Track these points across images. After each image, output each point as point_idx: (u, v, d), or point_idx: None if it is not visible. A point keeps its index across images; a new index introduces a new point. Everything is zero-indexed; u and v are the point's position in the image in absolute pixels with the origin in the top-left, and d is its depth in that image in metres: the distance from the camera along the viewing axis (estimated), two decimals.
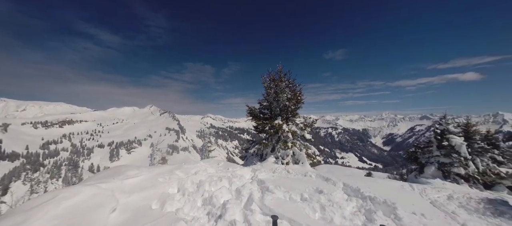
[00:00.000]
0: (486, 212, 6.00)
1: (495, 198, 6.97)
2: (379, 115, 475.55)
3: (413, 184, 8.57)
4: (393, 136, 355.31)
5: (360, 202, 4.98)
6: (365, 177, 14.10)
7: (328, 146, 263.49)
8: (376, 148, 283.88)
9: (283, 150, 10.11)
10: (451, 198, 6.89)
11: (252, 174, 7.21)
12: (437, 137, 10.80)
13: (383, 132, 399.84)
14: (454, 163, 10.08)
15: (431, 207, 5.83)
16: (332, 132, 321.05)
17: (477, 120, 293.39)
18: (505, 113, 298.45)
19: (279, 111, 11.20)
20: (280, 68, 11.56)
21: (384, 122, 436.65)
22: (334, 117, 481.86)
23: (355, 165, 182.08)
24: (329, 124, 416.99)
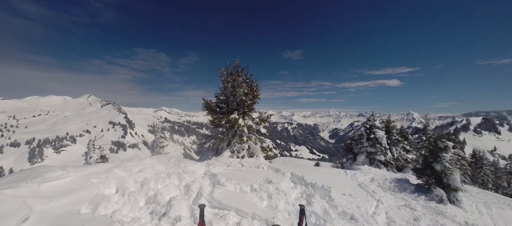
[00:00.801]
0: (395, 189, 7.65)
1: (401, 178, 8.94)
2: (327, 112, 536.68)
3: (347, 171, 10.11)
4: (338, 130, 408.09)
5: (303, 188, 5.57)
6: (314, 166, 15.80)
7: (284, 139, 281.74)
8: (324, 141, 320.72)
9: (239, 144, 10.26)
10: (373, 180, 8.47)
11: (206, 168, 7.08)
12: (367, 131, 13.01)
13: (330, 126, 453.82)
14: (377, 152, 12.38)
15: (358, 188, 7.02)
16: (288, 126, 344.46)
17: (396, 117, 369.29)
18: (414, 112, 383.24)
19: (235, 105, 11.25)
20: (237, 63, 11.56)
21: (330, 118, 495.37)
22: (290, 113, 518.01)
23: (307, 156, 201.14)
24: (285, 119, 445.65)
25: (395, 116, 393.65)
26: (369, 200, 5.50)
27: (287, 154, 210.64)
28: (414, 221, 4.52)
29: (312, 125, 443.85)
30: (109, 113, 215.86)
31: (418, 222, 4.48)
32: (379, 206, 5.01)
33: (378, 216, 4.38)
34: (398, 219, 4.46)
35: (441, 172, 6.61)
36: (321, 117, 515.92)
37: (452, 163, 6.80)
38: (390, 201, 6.11)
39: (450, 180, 6.47)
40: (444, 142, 6.85)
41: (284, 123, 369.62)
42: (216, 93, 11.94)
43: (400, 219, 4.48)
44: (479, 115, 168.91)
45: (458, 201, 6.42)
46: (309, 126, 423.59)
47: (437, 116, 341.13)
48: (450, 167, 6.55)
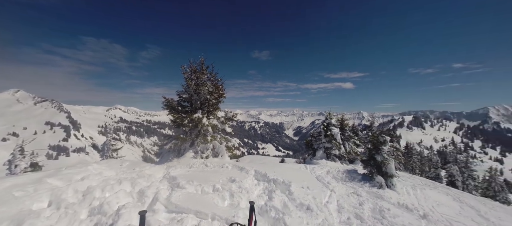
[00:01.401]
0: (346, 179, 8.60)
1: (351, 169, 10.11)
2: (291, 111, 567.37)
3: (307, 165, 10.89)
4: (301, 128, 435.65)
5: (266, 184, 5.75)
6: (279, 163, 16.49)
7: (251, 138, 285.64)
8: (289, 139, 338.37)
9: (203, 144, 9.94)
10: (329, 172, 9.35)
11: (165, 171, 6.62)
12: (324, 129, 14.26)
13: (294, 125, 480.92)
14: (333, 147, 13.71)
15: (315, 180, 7.64)
16: (255, 125, 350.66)
17: (349, 116, 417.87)
18: (364, 111, 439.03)
19: (199, 104, 10.84)
20: (202, 60, 11.14)
21: (295, 117, 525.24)
22: (258, 112, 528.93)
23: (273, 154, 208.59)
24: (253, 118, 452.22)
25: (348, 115, 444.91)
26: (324, 190, 6.04)
27: (254, 152, 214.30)
28: (359, 206, 5.18)
29: (278, 124, 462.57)
30: (45, 111, 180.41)
31: (362, 206, 5.16)
32: (332, 195, 5.56)
33: (331, 204, 4.86)
34: (347, 205, 5.04)
35: (381, 162, 7.76)
36: (286, 116, 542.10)
37: (389, 154, 8.04)
38: (341, 190, 6.85)
39: (388, 168, 7.66)
40: (384, 137, 8.04)
41: (251, 122, 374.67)
42: (179, 91, 11.28)
43: (348, 205, 5.08)
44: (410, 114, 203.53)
45: (393, 186, 7.64)
46: (275, 124, 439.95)
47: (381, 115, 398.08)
48: (387, 158, 7.74)
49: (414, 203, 6.93)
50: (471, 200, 10.37)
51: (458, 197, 10.03)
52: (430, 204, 7.23)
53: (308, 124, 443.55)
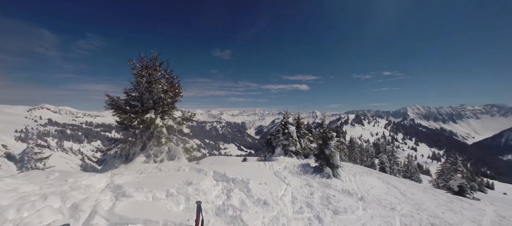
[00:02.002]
0: (300, 173, 9.35)
1: (305, 163, 11.06)
2: (253, 110, 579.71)
3: (266, 162, 11.33)
4: (262, 127, 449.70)
5: (225, 184, 5.72)
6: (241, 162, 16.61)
7: (213, 139, 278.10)
8: (251, 138, 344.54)
9: (157, 147, 9.13)
10: (286, 167, 9.97)
11: (108, 180, 5.80)
12: (282, 127, 15.14)
13: (256, 124, 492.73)
14: (290, 144, 14.70)
15: (273, 176, 8.04)
16: (217, 125, 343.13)
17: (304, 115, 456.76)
18: (317, 111, 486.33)
19: (152, 104, 9.92)
20: (155, 56, 10.21)
21: (256, 116, 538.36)
22: (219, 112, 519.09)
23: (235, 153, 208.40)
24: (214, 118, 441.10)
25: (304, 114, 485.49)
26: (281, 185, 6.43)
27: (216, 153, 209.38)
28: (310, 195, 5.72)
29: (240, 123, 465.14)
30: None
31: (313, 195, 5.72)
32: (287, 189, 5.96)
33: (286, 196, 5.21)
34: (300, 196, 5.50)
35: (329, 155, 8.76)
36: (248, 115, 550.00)
37: (335, 148, 9.15)
38: (296, 182, 7.42)
39: (334, 160, 8.71)
40: (331, 133, 9.10)
41: (212, 122, 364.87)
42: (127, 89, 10.04)
43: (301, 195, 5.55)
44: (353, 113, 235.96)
45: (338, 175, 8.74)
46: (237, 124, 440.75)
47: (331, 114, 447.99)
48: (334, 151, 8.80)
49: (354, 188, 8.10)
50: (395, 181, 12.74)
51: (386, 180, 12.19)
52: (366, 188, 8.58)
53: (269, 123, 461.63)
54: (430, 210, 7.57)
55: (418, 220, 5.87)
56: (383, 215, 5.37)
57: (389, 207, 6.60)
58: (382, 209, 6.14)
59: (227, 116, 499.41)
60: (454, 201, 11.19)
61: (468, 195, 15.38)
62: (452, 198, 12.68)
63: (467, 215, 8.18)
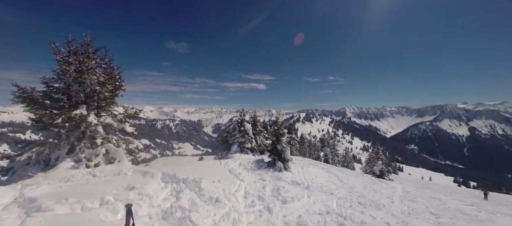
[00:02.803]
0: (255, 168, 9.66)
1: (260, 158, 11.51)
2: (210, 108, 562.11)
3: (222, 160, 11.22)
4: (220, 125, 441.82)
5: (174, 185, 5.36)
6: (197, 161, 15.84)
7: (165, 138, 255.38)
8: (207, 136, 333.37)
9: (90, 149, 7.74)
10: (241, 164, 10.12)
11: (17, 193, 4.58)
12: (238, 125, 15.28)
13: (213, 122, 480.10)
14: (246, 141, 14.99)
15: (228, 173, 8.03)
16: (170, 123, 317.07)
17: (261, 113, 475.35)
18: (273, 109, 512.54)
19: (84, 98, 8.31)
20: (88, 40, 8.55)
21: (214, 114, 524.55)
22: (173, 109, 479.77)
23: (191, 153, 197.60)
24: (167, 116, 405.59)
25: (261, 112, 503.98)
26: (235, 181, 6.49)
27: (169, 153, 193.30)
28: (262, 189, 6.00)
29: (196, 121, 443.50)
30: None
31: (265, 189, 6.02)
32: (241, 185, 6.07)
33: (239, 192, 5.31)
34: (252, 190, 5.70)
35: (281, 150, 9.38)
36: (205, 113, 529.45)
37: (286, 143, 9.87)
38: (250, 178, 7.64)
39: (285, 154, 9.39)
40: (282, 130, 9.75)
41: (165, 120, 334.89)
42: (47, 78, 8.08)
43: (253, 190, 5.75)
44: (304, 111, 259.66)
45: (289, 168, 9.47)
46: (193, 122, 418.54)
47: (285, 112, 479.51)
48: (285, 146, 9.48)
49: (301, 179, 8.95)
50: (335, 170, 14.70)
51: (328, 170, 13.93)
52: (311, 178, 9.61)
53: (227, 121, 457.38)
54: (359, 191, 9.12)
55: (349, 200, 7.00)
56: (324, 200, 6.15)
57: (329, 192, 7.62)
58: (323, 195, 7.02)
59: (181, 113, 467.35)
60: (376, 183, 13.79)
61: (385, 177, 19.26)
62: (375, 180, 15.59)
63: (384, 193, 10.23)
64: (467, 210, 9.30)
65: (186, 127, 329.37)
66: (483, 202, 12.63)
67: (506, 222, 8.05)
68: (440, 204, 9.73)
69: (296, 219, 4.20)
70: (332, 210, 5.13)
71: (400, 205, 8.29)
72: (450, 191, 16.71)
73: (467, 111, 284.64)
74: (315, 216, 4.49)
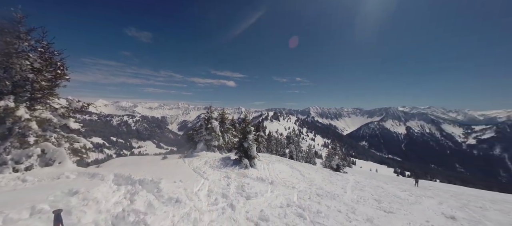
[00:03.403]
0: (221, 166, 9.55)
1: (226, 156, 11.43)
2: (176, 104, 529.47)
3: (187, 159, 10.74)
4: (186, 122, 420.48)
5: (129, 187, 4.89)
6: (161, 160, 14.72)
7: (122, 136, 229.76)
8: (172, 134, 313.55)
9: (19, 150, 6.44)
10: (206, 162, 9.87)
11: None
12: (205, 122, 14.83)
13: (179, 119, 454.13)
14: (213, 139, 14.66)
15: (192, 172, 7.74)
16: (129, 120, 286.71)
17: (231, 111, 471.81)
18: (242, 107, 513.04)
19: (11, 86, 6.85)
20: (20, 17, 7.06)
21: (180, 111, 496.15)
22: (132, 104, 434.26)
23: (153, 152, 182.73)
24: (125, 111, 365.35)
25: (230, 110, 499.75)
26: (198, 180, 6.30)
27: (127, 152, 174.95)
28: (227, 186, 5.98)
29: (160, 118, 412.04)
30: None
31: (229, 186, 6.02)
32: (204, 183, 5.93)
33: (202, 191, 5.17)
34: (216, 188, 5.63)
35: (247, 148, 9.50)
36: (170, 109, 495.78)
37: (253, 141, 10.04)
38: (215, 176, 7.52)
39: (251, 152, 9.54)
40: (249, 127, 9.88)
41: (123, 116, 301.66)
42: None
43: (218, 187, 5.69)
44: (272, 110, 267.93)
45: (254, 165, 9.67)
46: (156, 118, 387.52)
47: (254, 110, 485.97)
48: (251, 143, 9.63)
49: (266, 175, 9.25)
50: (298, 166, 15.62)
51: (292, 165, 14.72)
52: (276, 174, 10.02)
53: (194, 118, 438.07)
54: (318, 184, 9.93)
55: (309, 192, 7.56)
56: (286, 194, 6.50)
57: (291, 186, 8.08)
58: (285, 189, 7.41)
59: (143, 109, 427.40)
60: (333, 176, 15.22)
61: (341, 170, 21.42)
62: (332, 173, 17.19)
63: (339, 184, 11.36)
64: (402, 195, 11.04)
65: (148, 123, 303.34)
66: (414, 188, 15.19)
67: (428, 203, 9.87)
68: (382, 191, 11.31)
69: (258, 213, 4.34)
70: (293, 203, 5.47)
71: (351, 194, 9.34)
72: (390, 180, 19.60)
73: (405, 113, 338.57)
74: (276, 209, 4.72)
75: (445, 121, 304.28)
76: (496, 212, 9.84)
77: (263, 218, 4.12)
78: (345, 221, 4.78)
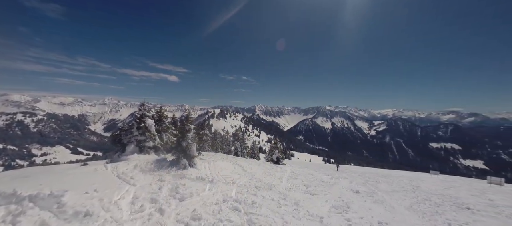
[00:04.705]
0: (154, 169, 8.59)
1: (161, 158, 10.41)
2: (102, 99, 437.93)
3: (110, 164, 9.08)
4: (115, 121, 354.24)
5: (12, 207, 3.68)
6: (81, 166, 11.69)
7: (15, 141, 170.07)
8: (96, 135, 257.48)
9: None
10: (136, 166, 8.66)
11: None
12: (137, 120, 12.95)
13: (106, 117, 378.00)
14: (147, 139, 12.99)
15: (115, 179, 6.60)
16: (26, 119, 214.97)
17: (173, 108, 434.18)
18: (186, 104, 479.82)
19: None
20: None
21: (106, 107, 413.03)
22: (31, 98, 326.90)
23: (67, 159, 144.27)
24: (20, 108, 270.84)
25: (172, 107, 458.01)
26: (122, 187, 5.45)
27: (23, 163, 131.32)
28: (158, 190, 5.45)
29: (77, 116, 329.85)
30: None
31: (161, 189, 5.51)
32: (129, 190, 5.18)
33: (124, 199, 4.50)
34: (144, 193, 5.03)
35: (186, 147, 8.95)
36: (92, 105, 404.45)
37: (193, 139, 9.56)
38: (146, 180, 6.71)
39: (191, 151, 9.06)
40: (188, 125, 9.34)
41: (15, 114, 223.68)
42: None
43: (146, 193, 5.09)
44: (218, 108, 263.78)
45: (194, 164, 9.24)
46: (70, 117, 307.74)
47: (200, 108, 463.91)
48: (191, 142, 9.14)
49: (207, 173, 9.02)
50: (241, 162, 16.03)
51: (235, 162, 14.95)
52: (217, 171, 9.91)
53: (127, 116, 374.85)
54: (258, 177, 10.52)
55: (248, 186, 7.90)
56: (224, 190, 6.54)
57: (231, 182, 8.21)
58: (225, 185, 7.46)
59: (49, 105, 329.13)
60: (274, 168, 16.49)
61: (280, 162, 23.52)
62: (273, 166, 18.59)
63: (277, 175, 12.39)
64: (325, 179, 13.17)
65: (59, 123, 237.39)
66: (336, 172, 18.41)
67: (343, 183, 12.18)
68: (312, 177, 13.15)
69: (191, 213, 4.17)
70: (230, 198, 5.56)
71: (286, 183, 10.40)
72: (319, 167, 23.07)
73: (331, 112, 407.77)
74: (211, 206, 4.67)
75: (357, 117, 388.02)
76: (384, 183, 13.25)
77: (195, 217, 3.99)
78: (276, 208, 5.27)
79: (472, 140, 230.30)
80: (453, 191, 11.83)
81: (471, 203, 8.76)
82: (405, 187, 12.42)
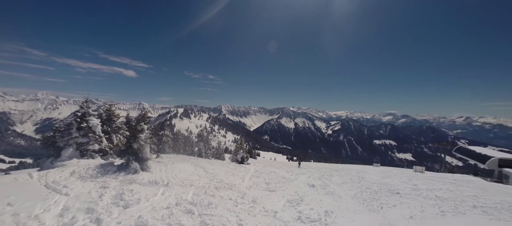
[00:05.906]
0: (97, 175, 7.53)
1: (107, 162, 9.19)
2: (33, 94, 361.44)
3: (37, 172, 7.55)
4: (52, 121, 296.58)
5: None
6: None
7: None
8: (25, 138, 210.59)
9: None
10: (73, 173, 7.42)
11: None
12: (78, 120, 11.12)
13: (38, 116, 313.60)
14: (90, 141, 11.27)
15: (42, 189, 5.51)
16: None
17: (129, 106, 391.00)
18: (145, 102, 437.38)
19: None
20: None
21: (39, 104, 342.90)
22: None
23: None
24: None
25: (128, 105, 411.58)
26: (48, 198, 4.58)
27: None
28: (98, 198, 4.78)
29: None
30: None
31: (103, 197, 4.85)
32: (59, 200, 4.39)
33: (49, 212, 3.78)
34: (79, 203, 4.34)
35: (137, 149, 8.13)
36: (18, 101, 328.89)
37: (146, 140, 8.74)
38: (84, 188, 5.81)
39: (143, 153, 8.27)
40: (141, 125, 8.51)
41: None
42: None
43: (81, 202, 4.40)
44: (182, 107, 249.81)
45: (148, 168, 8.46)
46: None
47: (161, 106, 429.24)
48: (143, 144, 8.35)
49: (162, 177, 8.38)
50: (204, 163, 15.48)
51: (197, 163, 14.35)
52: (175, 174, 9.31)
53: (67, 115, 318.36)
54: (219, 178, 10.31)
55: (207, 187, 7.65)
56: (179, 193, 6.18)
57: (189, 185, 7.82)
58: (181, 188, 7.06)
59: None
60: (237, 168, 16.44)
61: (245, 162, 23.67)
62: (237, 166, 18.54)
63: (240, 175, 12.39)
64: (286, 175, 13.81)
65: None
66: (297, 169, 19.50)
67: (301, 178, 12.97)
68: (274, 175, 13.60)
69: (135, 221, 3.78)
70: (184, 200, 5.29)
71: (248, 182, 10.49)
72: (282, 165, 24.10)
73: (294, 112, 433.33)
74: (161, 211, 4.34)
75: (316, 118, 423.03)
76: (337, 177, 14.69)
77: (139, 224, 3.64)
78: (232, 207, 5.26)
79: (404, 137, 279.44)
80: (389, 179, 13.96)
81: (400, 188, 10.50)
82: (353, 178, 14.05)
